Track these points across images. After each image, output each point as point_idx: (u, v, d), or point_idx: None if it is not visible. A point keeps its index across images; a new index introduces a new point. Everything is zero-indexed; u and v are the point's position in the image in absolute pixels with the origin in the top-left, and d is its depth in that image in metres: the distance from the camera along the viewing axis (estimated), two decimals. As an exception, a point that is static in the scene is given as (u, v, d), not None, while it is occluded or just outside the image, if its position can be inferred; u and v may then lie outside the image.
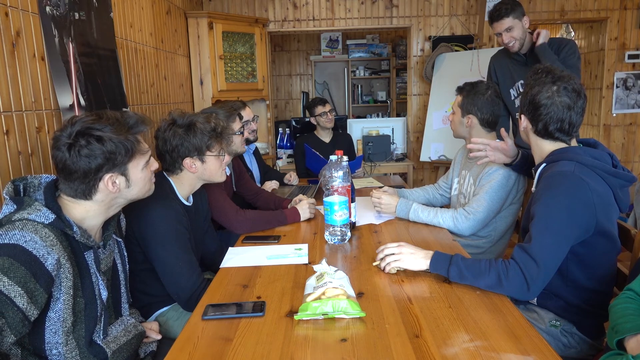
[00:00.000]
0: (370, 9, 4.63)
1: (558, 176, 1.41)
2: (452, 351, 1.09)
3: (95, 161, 1.20)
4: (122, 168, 1.25)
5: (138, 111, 2.71)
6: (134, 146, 1.26)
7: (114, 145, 1.21)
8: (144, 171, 1.32)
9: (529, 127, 1.56)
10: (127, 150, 1.24)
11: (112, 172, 1.23)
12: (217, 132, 1.76)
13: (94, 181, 1.22)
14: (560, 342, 1.50)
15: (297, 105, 6.98)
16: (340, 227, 1.84)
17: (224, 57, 3.86)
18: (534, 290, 1.35)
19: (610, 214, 1.44)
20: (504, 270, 1.35)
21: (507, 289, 1.35)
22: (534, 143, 1.59)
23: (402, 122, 4.70)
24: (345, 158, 1.91)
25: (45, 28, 1.83)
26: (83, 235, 1.21)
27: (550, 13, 4.58)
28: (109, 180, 1.23)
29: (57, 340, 1.18)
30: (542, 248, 1.35)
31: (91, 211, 1.26)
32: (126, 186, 1.28)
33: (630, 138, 4.83)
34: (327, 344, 1.14)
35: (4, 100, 1.60)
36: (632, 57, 4.65)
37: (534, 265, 1.34)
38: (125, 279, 1.44)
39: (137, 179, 1.30)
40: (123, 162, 1.24)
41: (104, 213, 1.29)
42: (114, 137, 1.21)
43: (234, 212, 2.08)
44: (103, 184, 1.23)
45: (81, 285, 1.21)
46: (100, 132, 1.20)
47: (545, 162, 1.51)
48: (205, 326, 1.24)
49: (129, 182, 1.28)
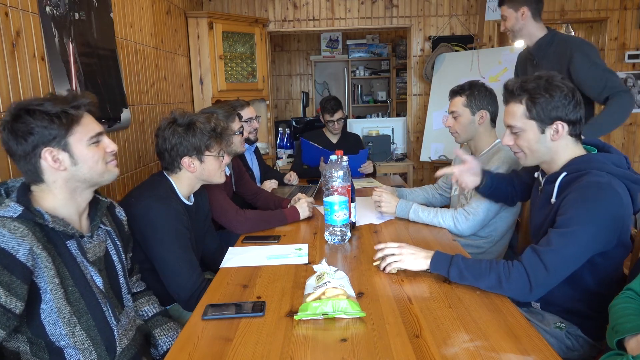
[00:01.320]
0: (370, 9, 4.63)
1: (595, 188, 1.33)
2: (452, 351, 1.09)
3: (30, 136, 1.17)
4: (62, 142, 1.21)
5: (138, 111, 2.71)
6: (70, 118, 1.21)
7: (46, 116, 1.18)
8: (91, 148, 1.26)
9: (565, 130, 1.43)
10: (62, 123, 1.20)
11: (50, 146, 1.19)
12: (216, 133, 1.75)
13: (35, 158, 1.19)
14: (563, 345, 1.50)
15: (297, 105, 6.98)
16: (340, 227, 1.84)
17: (224, 57, 3.86)
18: (536, 294, 1.33)
19: (629, 223, 1.40)
20: (505, 271, 1.34)
21: (507, 290, 1.34)
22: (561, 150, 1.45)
23: (402, 122, 4.70)
24: (345, 158, 1.91)
25: (45, 28, 1.83)
26: (58, 223, 1.20)
27: (550, 13, 4.58)
28: (48, 155, 1.19)
29: (59, 331, 1.18)
30: (558, 257, 1.31)
31: (57, 198, 1.24)
32: (72, 163, 1.23)
33: (630, 138, 4.84)
34: (327, 344, 1.14)
35: (4, 100, 1.60)
36: (632, 57, 4.65)
37: (542, 270, 1.31)
38: (122, 269, 1.41)
39: (83, 156, 1.24)
40: (60, 135, 1.20)
41: (71, 198, 1.26)
42: (48, 109, 1.18)
43: (234, 212, 2.08)
44: (44, 161, 1.20)
45: (70, 275, 1.21)
46: (34, 106, 1.18)
47: (567, 172, 1.43)
48: (205, 326, 1.24)
49: (74, 159, 1.23)
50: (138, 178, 2.65)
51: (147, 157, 2.81)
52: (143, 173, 2.74)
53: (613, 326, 1.20)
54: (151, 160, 2.87)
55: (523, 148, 1.50)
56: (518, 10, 2.46)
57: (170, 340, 1.51)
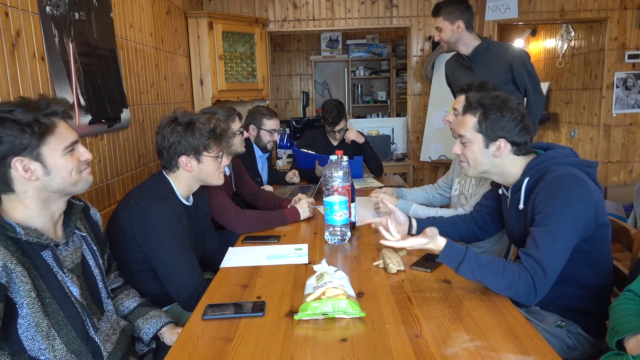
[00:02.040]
0: (370, 9, 4.63)
1: (561, 181, 1.40)
2: (452, 351, 1.09)
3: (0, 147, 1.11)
4: (34, 152, 1.15)
5: (138, 111, 2.71)
6: (42, 127, 1.15)
7: (17, 125, 1.12)
8: (66, 158, 1.20)
9: (507, 149, 1.51)
10: (34, 133, 1.14)
11: (20, 155, 1.14)
12: (216, 134, 1.75)
13: (4, 168, 1.13)
14: (564, 344, 1.50)
15: (297, 105, 6.98)
16: (340, 227, 1.84)
17: (224, 57, 3.86)
18: (539, 297, 1.35)
19: (602, 204, 1.46)
20: (516, 276, 1.34)
21: (515, 294, 1.34)
22: (508, 165, 1.54)
23: (402, 122, 4.70)
24: (345, 158, 1.91)
25: (45, 28, 1.83)
26: (31, 235, 1.15)
27: (550, 13, 4.58)
28: (18, 165, 1.14)
29: (38, 346, 1.14)
30: (550, 256, 1.34)
31: (28, 208, 1.19)
32: (45, 173, 1.17)
33: (630, 138, 4.83)
34: (327, 344, 1.14)
35: (3, 100, 1.60)
36: (632, 57, 4.65)
37: (542, 274, 1.33)
38: (101, 273, 1.38)
39: (57, 166, 1.19)
40: (32, 145, 1.14)
41: (44, 208, 1.21)
42: (20, 118, 1.12)
43: (233, 212, 2.08)
44: (14, 171, 1.14)
45: (46, 287, 1.17)
46: (4, 114, 1.12)
47: (529, 177, 1.50)
48: (205, 326, 1.24)
49: (47, 169, 1.18)
50: (138, 178, 2.65)
51: (147, 157, 2.81)
52: (143, 173, 2.73)
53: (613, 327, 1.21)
54: (151, 160, 2.87)
55: (468, 158, 1.58)
56: (454, 23, 2.63)
57: (154, 326, 1.49)
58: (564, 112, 5.47)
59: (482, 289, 1.40)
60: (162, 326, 1.51)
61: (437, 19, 2.67)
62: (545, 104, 5.70)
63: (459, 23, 2.62)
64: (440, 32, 2.68)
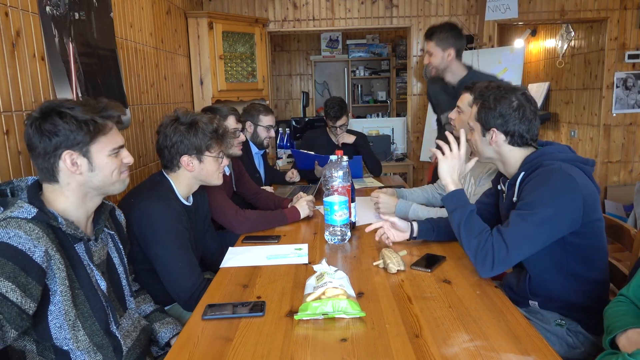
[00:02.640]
0: (370, 9, 4.63)
1: (548, 173, 1.44)
2: (452, 351, 1.09)
3: (55, 138, 1.19)
4: (84, 149, 1.23)
5: (138, 111, 2.71)
6: (97, 127, 1.23)
7: (75, 122, 1.20)
8: (111, 158, 1.28)
9: (501, 139, 1.55)
10: (89, 131, 1.22)
11: (72, 150, 1.21)
12: (218, 134, 1.77)
13: (54, 158, 1.21)
14: (564, 343, 1.50)
15: (297, 105, 6.99)
16: (340, 227, 1.84)
17: (224, 57, 3.86)
18: (496, 271, 1.43)
19: (594, 200, 1.47)
20: (482, 244, 1.44)
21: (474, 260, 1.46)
22: (506, 155, 1.58)
23: (402, 122, 4.70)
24: (345, 158, 1.91)
25: (45, 28, 1.83)
26: (70, 227, 1.21)
27: (550, 13, 4.58)
28: (67, 158, 1.21)
29: (64, 335, 1.18)
30: (516, 236, 1.41)
31: (69, 200, 1.25)
32: (89, 169, 1.25)
33: (630, 138, 4.83)
34: (327, 344, 1.14)
35: (4, 100, 1.60)
36: (632, 57, 4.65)
37: (504, 247, 1.41)
38: (125, 272, 1.43)
39: (101, 164, 1.26)
40: (84, 141, 1.22)
41: (82, 203, 1.27)
42: (78, 115, 1.20)
43: (233, 212, 2.08)
44: (63, 162, 1.21)
45: (76, 277, 1.21)
46: (65, 109, 1.20)
47: (524, 171, 1.52)
48: (205, 326, 1.24)
49: (92, 166, 1.25)
50: (138, 178, 2.65)
51: (147, 157, 2.82)
52: (143, 173, 2.74)
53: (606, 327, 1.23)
54: (151, 160, 2.87)
55: (473, 145, 1.66)
56: (445, 51, 2.61)
57: (170, 332, 1.52)
58: (564, 112, 5.48)
59: (482, 289, 1.41)
60: (177, 333, 1.53)
61: (430, 43, 2.66)
62: (545, 104, 5.70)
63: (450, 51, 2.62)
64: (430, 57, 2.68)
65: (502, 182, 1.66)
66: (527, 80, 6.19)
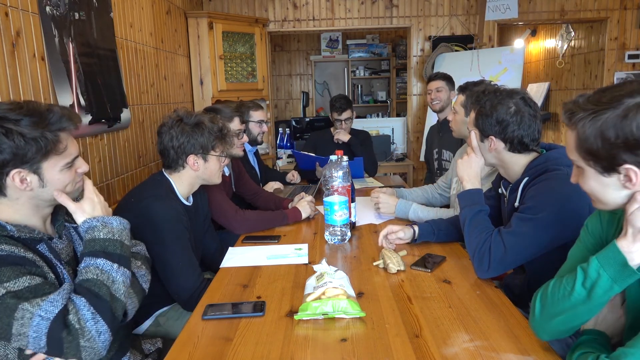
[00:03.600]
0: (370, 9, 4.63)
1: (553, 179, 1.42)
2: (452, 351, 1.09)
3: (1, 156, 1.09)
4: (34, 166, 1.14)
5: (138, 111, 2.71)
6: (49, 145, 1.13)
7: (23, 141, 1.09)
8: (63, 172, 1.19)
9: (500, 146, 1.52)
10: (40, 149, 1.12)
11: (21, 168, 1.12)
12: (222, 134, 1.78)
13: (1, 175, 1.12)
14: (564, 343, 1.50)
15: (297, 105, 6.98)
16: (340, 227, 1.84)
17: (224, 57, 3.86)
18: (492, 272, 1.43)
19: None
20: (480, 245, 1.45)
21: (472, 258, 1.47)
22: (508, 161, 1.55)
23: (402, 122, 4.70)
24: (345, 158, 1.91)
25: (45, 28, 1.83)
26: (22, 231, 1.15)
27: (550, 13, 4.58)
28: (16, 176, 1.12)
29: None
30: (515, 237, 1.40)
31: (18, 211, 1.18)
32: (40, 186, 1.17)
33: (630, 138, 4.83)
34: (327, 344, 1.14)
35: (3, 100, 1.60)
36: (632, 57, 4.65)
37: (502, 250, 1.41)
38: None
39: (53, 180, 1.18)
40: (34, 160, 1.13)
41: (33, 210, 1.20)
42: (26, 132, 1.09)
43: (233, 212, 2.08)
44: (10, 180, 1.13)
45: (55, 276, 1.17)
46: (12, 125, 1.09)
47: (528, 176, 1.50)
48: (205, 326, 1.24)
49: (43, 182, 1.16)
50: (138, 178, 2.65)
51: (147, 157, 2.82)
52: (143, 173, 2.74)
53: None
54: (151, 160, 2.87)
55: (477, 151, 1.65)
56: (450, 92, 3.10)
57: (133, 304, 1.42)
58: (564, 112, 5.47)
59: (482, 289, 1.41)
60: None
61: (440, 81, 3.10)
62: (545, 104, 5.70)
63: (452, 93, 3.07)
64: (439, 93, 3.09)
65: (503, 185, 1.65)
66: (527, 80, 6.19)
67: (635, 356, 0.85)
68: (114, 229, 1.23)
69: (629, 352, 0.87)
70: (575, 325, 1.06)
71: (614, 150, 0.90)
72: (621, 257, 0.92)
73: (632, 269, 0.91)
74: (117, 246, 1.20)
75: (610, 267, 0.93)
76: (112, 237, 1.21)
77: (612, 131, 0.89)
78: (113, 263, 1.17)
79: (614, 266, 0.93)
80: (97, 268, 1.15)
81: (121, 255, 1.20)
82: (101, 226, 1.21)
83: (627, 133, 0.87)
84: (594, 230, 1.10)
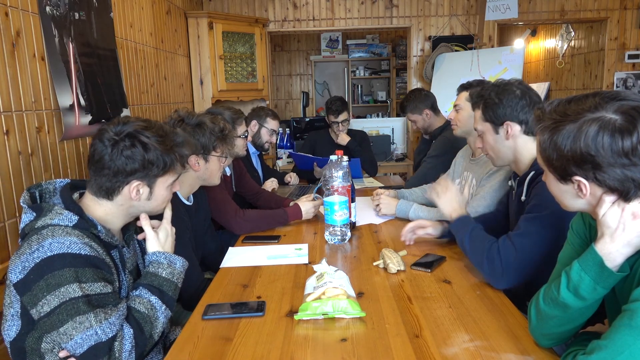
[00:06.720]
0: (370, 9, 4.63)
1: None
2: (452, 351, 1.08)
3: (132, 165, 1.18)
4: (152, 180, 1.24)
5: (138, 111, 2.71)
6: (172, 163, 1.25)
7: (155, 156, 1.20)
8: (168, 189, 1.30)
9: (516, 129, 1.52)
10: (165, 165, 1.23)
11: (142, 180, 1.22)
12: (224, 134, 1.78)
13: (121, 183, 1.20)
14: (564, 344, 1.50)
15: (297, 105, 6.98)
16: (340, 227, 1.84)
17: (224, 57, 3.86)
18: (507, 278, 1.38)
19: None
20: (488, 252, 1.42)
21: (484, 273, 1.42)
22: (522, 148, 1.54)
23: (402, 122, 4.70)
24: (345, 158, 1.91)
25: (45, 28, 1.83)
26: (107, 235, 1.21)
27: (550, 13, 4.58)
28: (135, 187, 1.22)
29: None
30: (525, 237, 1.38)
31: (111, 213, 1.25)
32: (147, 198, 1.26)
33: (630, 138, 4.83)
34: (327, 344, 1.14)
35: (4, 100, 1.60)
36: (632, 57, 4.65)
37: (512, 252, 1.38)
38: None
39: (159, 195, 1.28)
40: (156, 174, 1.23)
41: (122, 217, 1.28)
42: (158, 148, 1.20)
43: (233, 212, 2.07)
44: (128, 188, 1.21)
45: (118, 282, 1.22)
46: (148, 140, 1.19)
47: (535, 170, 1.49)
48: (205, 326, 1.24)
49: (151, 195, 1.26)
50: (138, 178, 2.65)
51: (147, 157, 2.81)
52: (143, 173, 2.73)
53: None
54: (151, 160, 2.87)
55: (488, 150, 1.62)
56: (422, 113, 3.03)
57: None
58: (564, 112, 5.47)
59: (482, 289, 1.41)
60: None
61: (407, 115, 3.10)
62: (545, 104, 5.69)
63: (426, 111, 3.02)
64: (415, 123, 3.10)
65: (512, 177, 1.64)
66: (527, 80, 6.19)
67: (608, 348, 0.86)
68: (175, 271, 1.29)
69: (602, 345, 0.87)
70: (570, 329, 1.07)
71: (564, 162, 0.94)
72: (599, 259, 0.94)
73: (610, 270, 0.93)
74: (172, 288, 1.27)
75: (591, 270, 0.95)
76: (171, 278, 1.27)
77: (566, 144, 0.92)
78: (162, 304, 1.22)
79: (594, 268, 0.94)
80: (149, 303, 1.20)
81: (171, 298, 1.26)
82: (167, 264, 1.28)
83: (576, 148, 0.91)
84: (578, 230, 1.11)
